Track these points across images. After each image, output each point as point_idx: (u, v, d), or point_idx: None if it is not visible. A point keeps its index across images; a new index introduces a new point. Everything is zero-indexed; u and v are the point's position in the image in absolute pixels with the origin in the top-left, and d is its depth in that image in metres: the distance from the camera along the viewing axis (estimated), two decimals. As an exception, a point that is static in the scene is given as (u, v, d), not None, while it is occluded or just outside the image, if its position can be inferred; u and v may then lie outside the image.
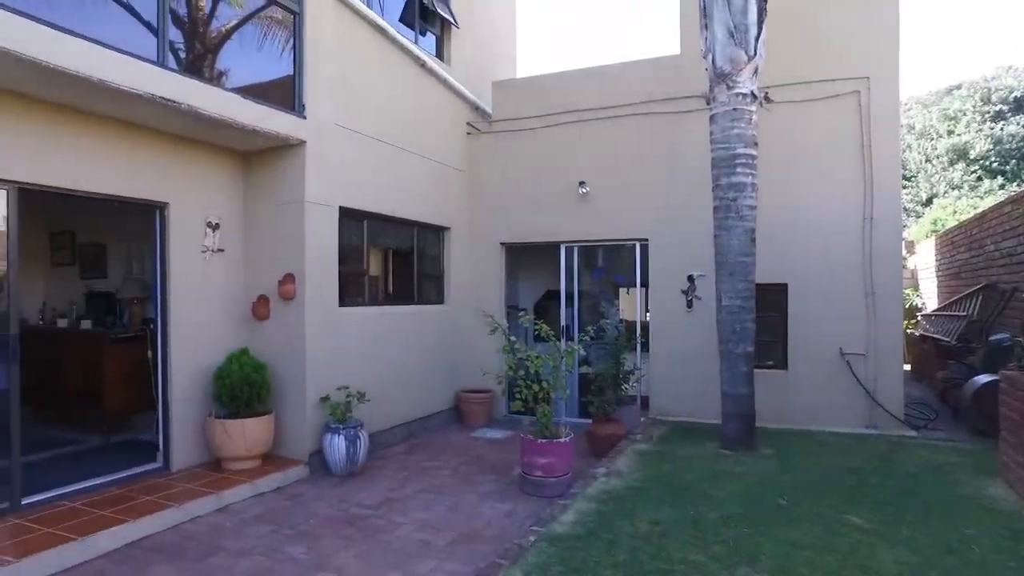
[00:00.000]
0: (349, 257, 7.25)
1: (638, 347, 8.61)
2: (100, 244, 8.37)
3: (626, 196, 8.53)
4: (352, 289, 7.35)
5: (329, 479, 6.30)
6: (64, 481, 5.41)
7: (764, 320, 7.46)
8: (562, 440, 5.78)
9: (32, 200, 5.05)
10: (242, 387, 6.06)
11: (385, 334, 7.66)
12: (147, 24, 5.11)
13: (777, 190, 7.54)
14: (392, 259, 8.46)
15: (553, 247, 9.13)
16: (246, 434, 6.03)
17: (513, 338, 6.42)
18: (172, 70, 5.21)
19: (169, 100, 5.07)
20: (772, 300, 7.75)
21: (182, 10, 5.47)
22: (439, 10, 8.99)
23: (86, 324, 7.65)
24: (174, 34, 5.34)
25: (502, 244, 9.42)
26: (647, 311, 8.75)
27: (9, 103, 4.75)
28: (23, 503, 4.95)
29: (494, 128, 9.46)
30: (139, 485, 5.63)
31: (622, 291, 10.33)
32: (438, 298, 9.07)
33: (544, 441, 5.75)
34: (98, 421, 7.12)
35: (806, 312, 7.67)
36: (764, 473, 5.69)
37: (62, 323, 7.90)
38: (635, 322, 8.92)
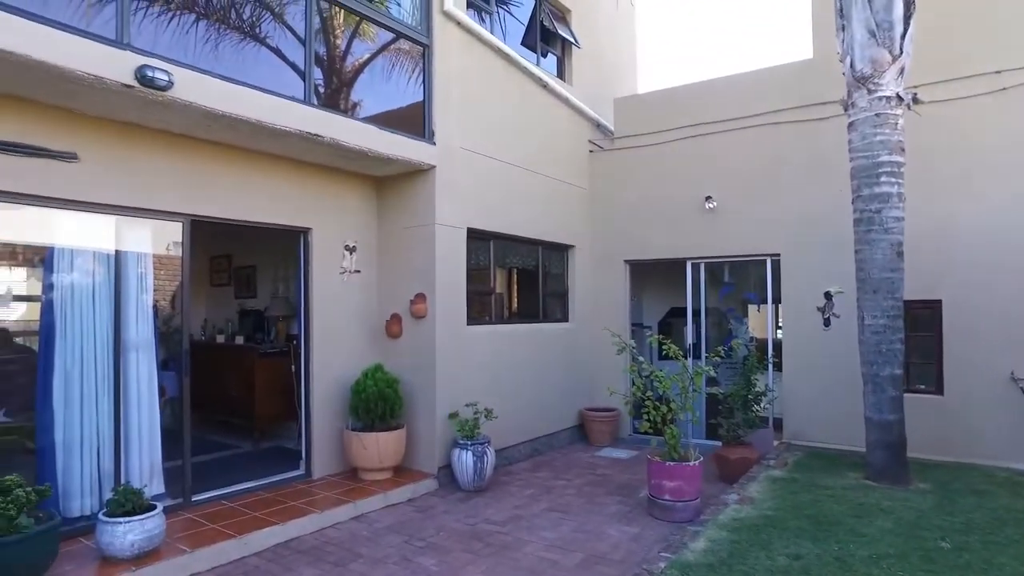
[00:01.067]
0: (476, 276, 7.46)
1: (770, 367, 8.15)
2: (251, 266, 9.19)
3: (756, 210, 8.16)
4: (479, 307, 7.56)
5: (457, 493, 6.47)
6: (224, 483, 5.99)
7: (914, 340, 6.84)
8: (691, 463, 5.59)
9: (197, 228, 5.64)
10: (377, 401, 6.38)
11: (511, 352, 7.79)
12: (292, 65, 5.58)
13: (927, 196, 6.88)
14: (517, 278, 8.62)
15: (679, 263, 8.89)
16: (379, 447, 6.35)
17: (641, 358, 6.31)
18: (314, 106, 5.65)
19: (314, 135, 5.51)
20: (923, 318, 7.09)
21: (321, 49, 5.93)
22: (560, 31, 9.12)
23: (239, 340, 8.44)
24: (314, 72, 5.79)
25: (626, 261, 9.31)
26: (779, 329, 8.29)
27: (182, 146, 5.37)
28: (192, 500, 5.54)
29: (616, 145, 9.41)
30: (286, 490, 6.08)
31: (752, 308, 9.87)
32: (563, 316, 9.11)
33: (673, 464, 5.58)
34: (249, 429, 7.81)
35: (965, 331, 6.92)
36: (920, 510, 5.17)
37: (220, 339, 8.76)
38: (766, 340, 8.48)
